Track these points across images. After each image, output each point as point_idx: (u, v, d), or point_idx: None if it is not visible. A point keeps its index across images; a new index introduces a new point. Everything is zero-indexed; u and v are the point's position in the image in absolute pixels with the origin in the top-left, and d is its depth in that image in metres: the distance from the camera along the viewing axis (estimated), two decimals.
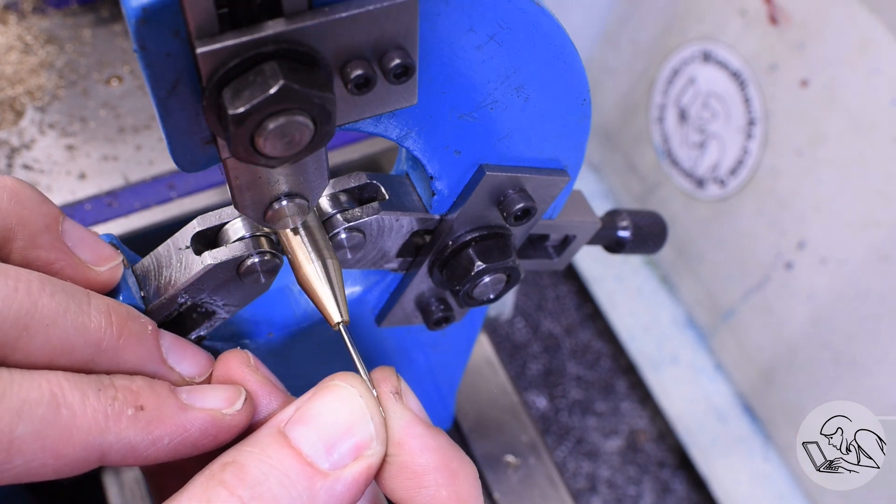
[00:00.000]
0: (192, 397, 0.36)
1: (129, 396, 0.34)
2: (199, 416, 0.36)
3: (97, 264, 0.38)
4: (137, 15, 0.28)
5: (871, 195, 1.18)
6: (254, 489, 0.32)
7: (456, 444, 0.37)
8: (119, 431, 0.33)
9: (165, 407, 0.35)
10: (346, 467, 0.34)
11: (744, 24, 1.33)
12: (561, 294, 1.79)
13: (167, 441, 0.35)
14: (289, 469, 0.33)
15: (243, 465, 0.33)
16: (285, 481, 0.32)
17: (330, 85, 0.31)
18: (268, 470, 0.32)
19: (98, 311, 0.35)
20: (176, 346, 0.39)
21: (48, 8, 0.91)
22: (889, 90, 1.13)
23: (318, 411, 0.35)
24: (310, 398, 0.36)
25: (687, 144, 1.50)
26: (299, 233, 0.41)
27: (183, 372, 0.38)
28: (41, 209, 0.37)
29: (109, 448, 0.33)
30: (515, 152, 0.44)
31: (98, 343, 0.35)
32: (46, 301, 0.33)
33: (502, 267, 0.47)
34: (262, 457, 0.33)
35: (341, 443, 0.34)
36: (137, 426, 0.34)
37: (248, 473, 0.32)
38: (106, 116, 0.82)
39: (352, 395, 0.35)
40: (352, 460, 0.34)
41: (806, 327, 1.33)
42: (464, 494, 0.36)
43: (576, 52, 0.40)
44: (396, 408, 0.36)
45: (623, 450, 1.60)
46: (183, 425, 0.35)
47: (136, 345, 0.36)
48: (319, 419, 0.35)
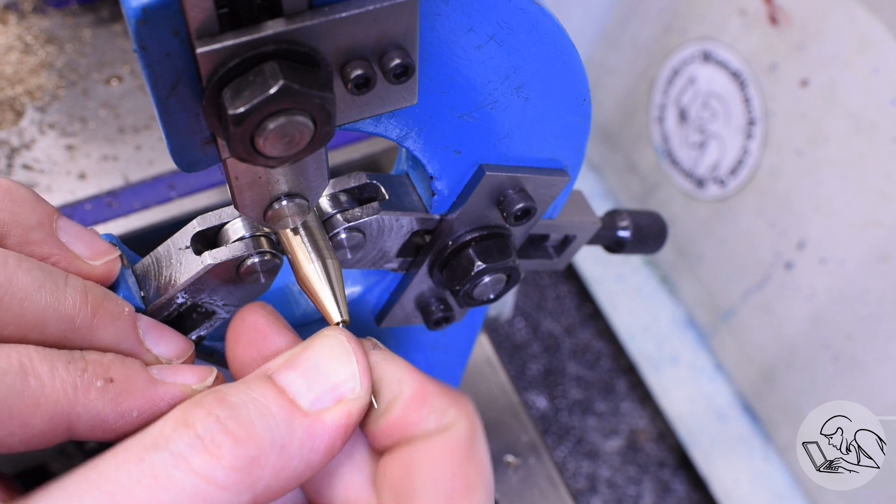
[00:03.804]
0: (163, 373, 0.37)
1: (99, 369, 0.35)
2: (169, 391, 0.36)
3: (92, 259, 0.39)
4: (137, 15, 0.28)
5: (871, 195, 1.18)
6: (231, 411, 0.32)
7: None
8: (87, 403, 0.34)
9: (135, 380, 0.35)
10: (327, 409, 0.34)
11: (744, 24, 1.33)
12: (561, 294, 1.79)
13: (136, 414, 0.35)
14: (269, 401, 0.33)
15: (224, 392, 0.33)
16: (264, 411, 0.33)
17: (330, 85, 0.31)
18: (248, 399, 0.33)
19: (74, 290, 0.36)
20: (153, 329, 0.39)
21: (48, 8, 0.91)
22: (889, 90, 1.13)
23: (305, 357, 0.36)
24: (299, 350, 0.36)
25: (687, 144, 1.50)
26: (299, 233, 0.41)
27: (159, 353, 0.39)
28: (35, 207, 0.37)
29: (77, 419, 0.33)
30: (515, 152, 0.44)
31: (72, 320, 0.35)
32: (22, 276, 0.34)
33: (502, 267, 0.47)
34: (245, 389, 0.34)
35: (322, 384, 0.35)
36: (106, 398, 0.34)
37: (228, 399, 0.33)
38: (106, 116, 0.82)
39: (339, 342, 0.36)
40: (333, 403, 0.34)
41: (806, 327, 1.33)
42: (468, 411, 0.37)
43: (576, 52, 0.40)
44: (382, 354, 0.37)
45: (623, 450, 1.60)
46: (152, 399, 0.36)
47: (110, 324, 0.37)
48: (305, 363, 0.35)
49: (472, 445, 0.36)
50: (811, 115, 1.24)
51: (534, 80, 0.40)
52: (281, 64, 0.30)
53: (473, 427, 0.37)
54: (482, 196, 0.45)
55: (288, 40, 0.30)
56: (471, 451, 0.36)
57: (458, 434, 0.36)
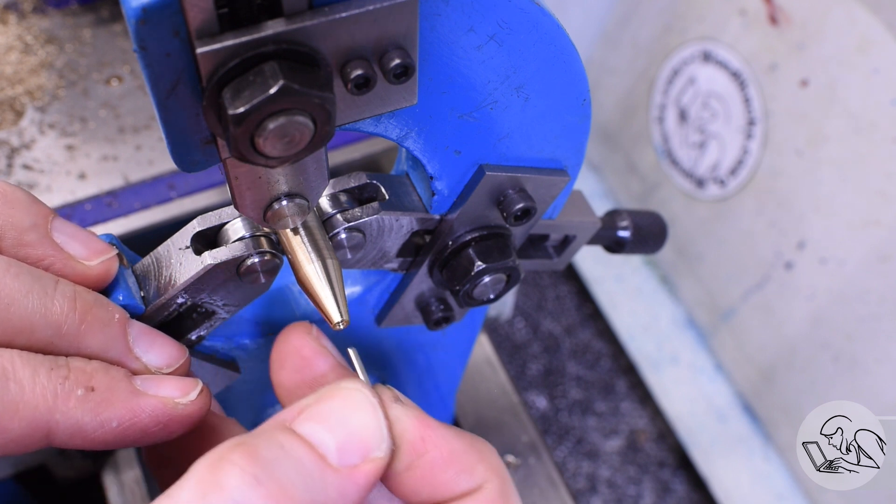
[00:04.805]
0: (147, 384, 0.36)
1: (81, 377, 0.34)
2: (150, 403, 0.36)
3: (88, 259, 0.39)
4: (137, 15, 0.28)
5: (871, 195, 1.18)
6: (266, 469, 0.30)
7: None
8: (67, 411, 0.33)
9: (117, 390, 0.35)
10: (356, 467, 0.33)
11: (744, 24, 1.33)
12: (561, 294, 1.79)
13: (115, 424, 0.35)
14: (302, 457, 0.31)
15: (254, 447, 0.31)
16: (300, 468, 0.31)
17: (330, 85, 0.31)
18: (280, 454, 0.31)
19: (63, 296, 0.35)
20: (144, 336, 0.39)
21: (48, 8, 0.91)
22: (889, 90, 1.13)
23: (329, 409, 0.34)
24: (316, 400, 0.34)
25: (687, 144, 1.50)
26: (299, 233, 0.41)
27: (149, 362, 0.38)
28: (30, 209, 0.37)
29: (56, 426, 0.33)
30: (515, 152, 0.44)
31: (59, 325, 0.35)
32: (10, 281, 0.34)
33: (502, 267, 0.47)
34: (273, 441, 0.32)
35: (352, 442, 0.33)
36: (86, 406, 0.34)
37: (260, 454, 0.30)
38: (106, 116, 0.82)
39: (363, 395, 0.35)
40: (361, 461, 0.33)
41: (806, 327, 1.33)
42: (495, 466, 0.36)
43: (576, 52, 0.40)
44: (403, 409, 0.36)
45: (623, 450, 1.60)
46: (133, 410, 0.35)
47: (98, 331, 0.36)
48: (330, 416, 0.34)
49: (507, 501, 0.36)
50: (811, 115, 1.24)
51: (534, 80, 0.40)
52: (281, 64, 0.30)
53: (504, 482, 0.36)
54: (482, 196, 0.45)
55: (288, 40, 0.30)
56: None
57: (492, 492, 0.35)
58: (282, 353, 0.40)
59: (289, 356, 0.40)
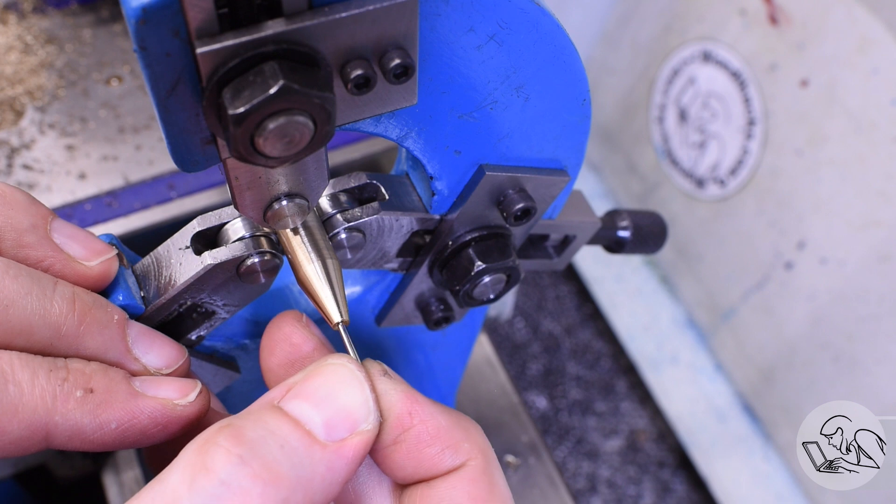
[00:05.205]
0: (145, 385, 0.37)
1: (80, 379, 0.34)
2: (149, 404, 0.36)
3: (88, 259, 0.39)
4: (137, 15, 0.28)
5: (871, 195, 1.18)
6: (252, 449, 0.30)
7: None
8: (66, 412, 0.33)
9: (115, 392, 0.35)
10: (343, 441, 0.33)
11: (744, 24, 1.33)
12: (561, 294, 1.79)
13: (114, 426, 0.35)
14: (287, 435, 0.32)
15: (239, 428, 0.31)
16: (285, 446, 0.31)
17: (330, 85, 0.31)
18: (266, 433, 0.31)
19: (62, 297, 0.36)
20: (143, 337, 0.39)
21: (48, 8, 0.91)
22: (889, 90, 1.13)
23: (314, 387, 0.34)
24: (304, 378, 0.35)
25: (687, 144, 1.50)
26: (299, 233, 0.41)
27: (148, 363, 0.38)
28: (29, 210, 0.37)
29: (55, 428, 0.33)
30: (515, 152, 0.44)
31: (58, 327, 0.35)
32: (9, 283, 0.34)
33: (502, 267, 0.47)
34: (259, 422, 0.32)
35: (339, 416, 0.33)
36: (85, 408, 0.34)
37: (245, 435, 0.31)
38: (106, 116, 0.82)
39: (349, 370, 0.35)
40: (348, 434, 0.33)
41: (806, 327, 1.33)
42: (480, 444, 0.36)
43: (576, 52, 0.40)
44: (391, 383, 0.36)
45: (623, 450, 1.60)
46: (132, 411, 0.35)
47: (97, 332, 0.36)
48: (316, 392, 0.34)
49: (490, 479, 0.36)
50: (811, 115, 1.24)
51: (534, 80, 0.40)
52: (281, 64, 0.30)
53: (488, 459, 0.36)
54: (482, 196, 0.45)
55: (288, 40, 0.30)
56: (490, 484, 0.36)
57: (476, 469, 0.36)
58: (272, 340, 0.41)
59: (279, 343, 0.40)
